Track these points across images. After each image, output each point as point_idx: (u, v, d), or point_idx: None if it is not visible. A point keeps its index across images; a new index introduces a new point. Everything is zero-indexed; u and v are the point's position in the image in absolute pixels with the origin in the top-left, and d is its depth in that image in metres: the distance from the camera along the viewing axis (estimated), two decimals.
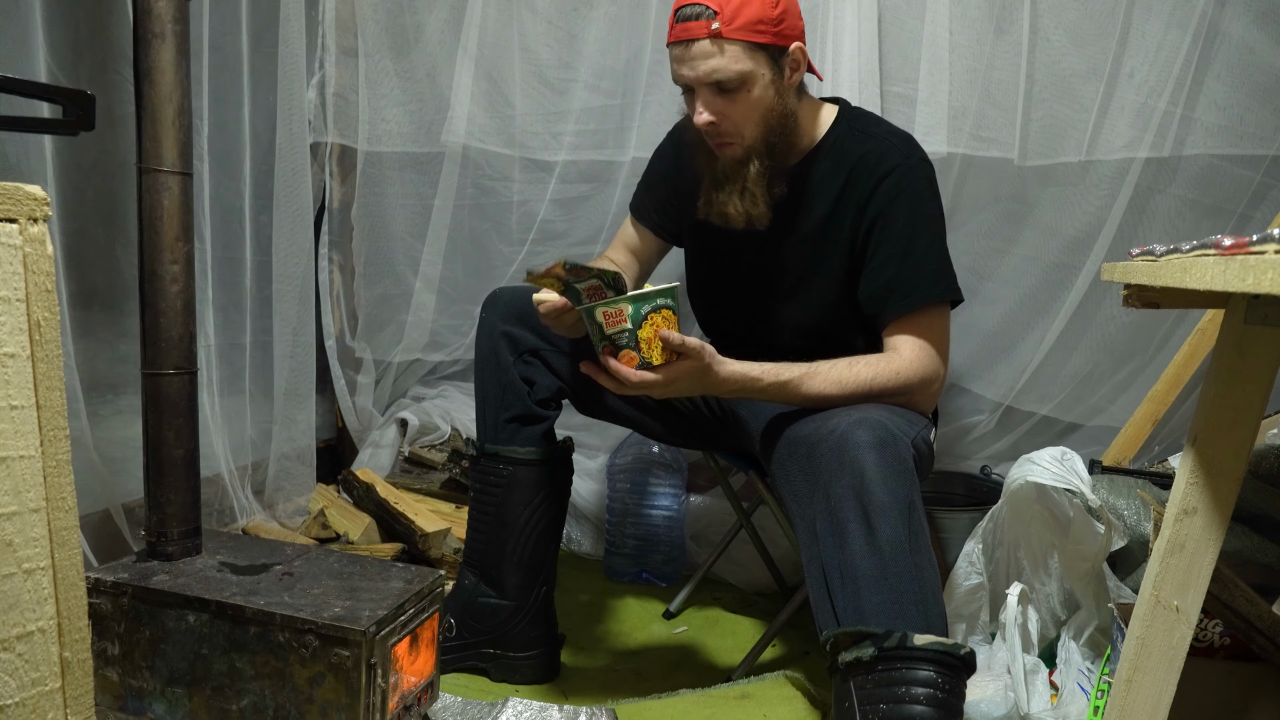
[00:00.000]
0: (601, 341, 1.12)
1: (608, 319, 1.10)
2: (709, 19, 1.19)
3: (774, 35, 1.21)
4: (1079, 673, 1.27)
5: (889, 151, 1.29)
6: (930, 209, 1.30)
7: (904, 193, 1.27)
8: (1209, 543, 0.83)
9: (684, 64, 1.23)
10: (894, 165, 1.28)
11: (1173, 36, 1.69)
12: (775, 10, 1.21)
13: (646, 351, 1.10)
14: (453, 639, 1.43)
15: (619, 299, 1.09)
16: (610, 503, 1.94)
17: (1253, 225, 1.74)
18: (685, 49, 1.22)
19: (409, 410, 2.30)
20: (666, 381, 1.12)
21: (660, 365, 1.11)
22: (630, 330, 1.09)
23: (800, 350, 1.31)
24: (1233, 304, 0.83)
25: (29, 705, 0.75)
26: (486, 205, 2.17)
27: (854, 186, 1.30)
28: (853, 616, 1.00)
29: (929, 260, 1.27)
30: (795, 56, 1.25)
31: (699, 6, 1.19)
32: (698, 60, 1.21)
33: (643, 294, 1.10)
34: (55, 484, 0.76)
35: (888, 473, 1.03)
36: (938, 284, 1.27)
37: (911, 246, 1.27)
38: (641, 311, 1.09)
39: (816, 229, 1.34)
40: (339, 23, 2.09)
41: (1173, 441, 1.84)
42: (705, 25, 1.19)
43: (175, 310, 1.15)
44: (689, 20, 1.20)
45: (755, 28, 1.20)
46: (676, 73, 1.26)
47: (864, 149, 1.30)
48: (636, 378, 1.11)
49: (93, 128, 0.86)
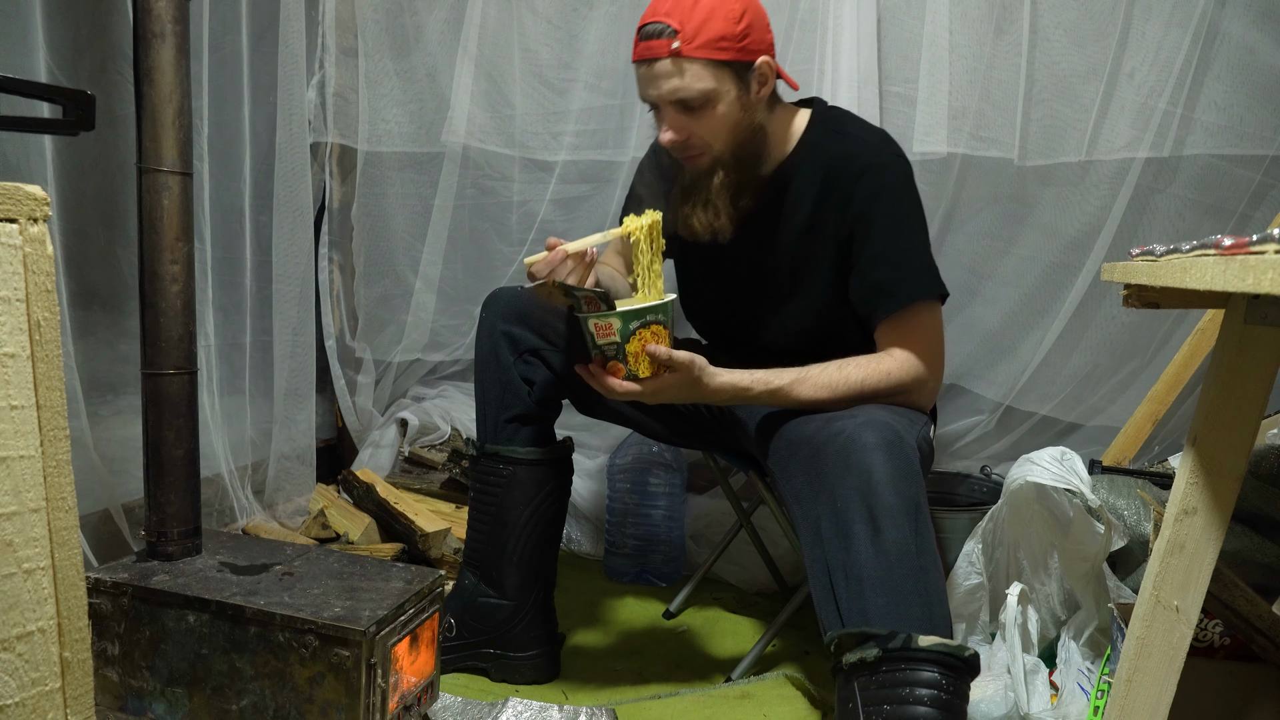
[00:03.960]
0: (594, 350, 1.17)
1: (598, 330, 1.15)
2: (670, 37, 1.17)
3: (738, 51, 1.20)
4: (1079, 673, 1.27)
5: (864, 150, 1.28)
6: (908, 205, 1.28)
7: (883, 190, 1.26)
8: (1209, 543, 0.83)
9: (648, 83, 1.23)
10: (870, 163, 1.26)
11: (1173, 36, 1.69)
12: (739, 26, 1.19)
13: (633, 365, 1.15)
14: (453, 639, 1.43)
15: (609, 314, 1.13)
16: (610, 503, 1.94)
17: (1253, 225, 1.74)
18: (648, 68, 1.21)
19: (409, 410, 2.30)
20: (651, 393, 1.17)
21: (646, 378, 1.15)
22: (618, 344, 1.14)
23: (797, 351, 1.31)
24: (1233, 304, 0.83)
25: (29, 705, 0.75)
26: (486, 205, 2.17)
27: (833, 187, 1.29)
28: (857, 617, 1.00)
29: (911, 259, 1.27)
30: (762, 70, 1.24)
31: (660, 24, 1.18)
32: (660, 80, 1.21)
33: (634, 310, 1.13)
34: (55, 484, 0.76)
35: (895, 474, 1.03)
36: (920, 282, 1.26)
37: (893, 246, 1.26)
38: (630, 327, 1.13)
39: (800, 233, 1.33)
40: (339, 23, 2.09)
41: (1173, 441, 1.84)
42: (666, 44, 1.18)
43: (175, 310, 1.15)
44: (651, 39, 1.19)
45: (718, 45, 1.18)
46: (642, 91, 1.25)
47: (839, 149, 1.29)
48: (621, 389, 1.16)
49: (93, 128, 0.86)
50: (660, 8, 1.20)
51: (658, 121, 1.27)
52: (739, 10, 1.19)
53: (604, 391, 1.18)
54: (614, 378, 1.16)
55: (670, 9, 1.19)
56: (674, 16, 1.18)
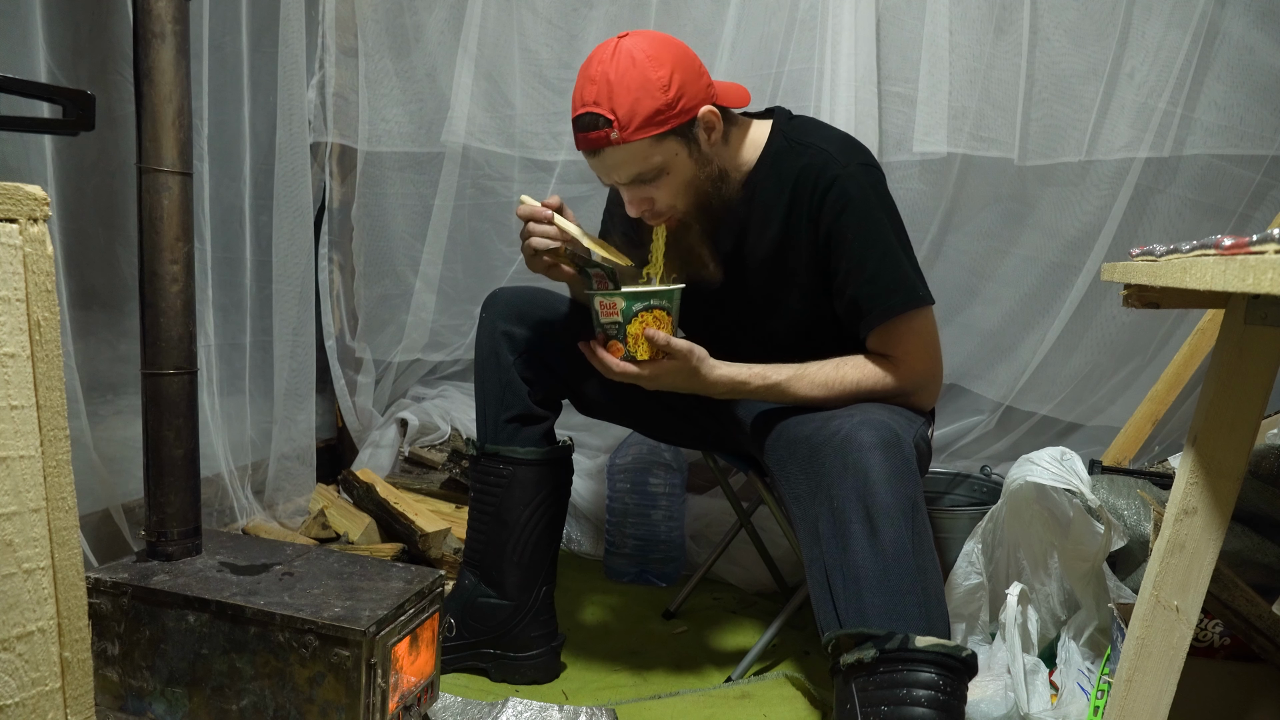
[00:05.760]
0: (597, 328, 1.20)
1: (603, 309, 1.18)
2: (606, 128, 1.16)
3: (676, 117, 1.17)
4: (1079, 673, 1.27)
5: (828, 162, 1.24)
6: (876, 216, 1.24)
7: (850, 204, 1.23)
8: (1209, 543, 0.83)
9: (600, 172, 1.23)
10: (835, 175, 1.23)
11: (1173, 36, 1.69)
12: (669, 94, 1.16)
13: (633, 346, 1.18)
14: (453, 639, 1.43)
15: (615, 293, 1.16)
16: (610, 503, 1.94)
17: (1253, 225, 1.74)
18: (594, 157, 1.21)
19: (409, 410, 2.30)
20: (650, 377, 1.19)
21: (645, 361, 1.18)
22: (620, 324, 1.17)
23: (791, 351, 1.30)
24: (1233, 304, 0.83)
25: (29, 705, 0.75)
26: (486, 205, 2.17)
27: (800, 202, 1.26)
28: (854, 618, 1.00)
29: (884, 272, 1.23)
30: (707, 120, 1.22)
31: (593, 115, 1.16)
32: (611, 169, 1.21)
33: (640, 292, 1.17)
34: (55, 484, 0.76)
35: (892, 474, 1.03)
36: (895, 296, 1.23)
37: (864, 260, 1.23)
38: (633, 309, 1.16)
39: (773, 250, 1.31)
40: (339, 23, 2.09)
41: (1173, 441, 1.84)
42: (605, 134, 1.16)
43: (175, 310, 1.15)
44: (588, 130, 1.18)
45: (654, 121, 1.16)
46: (595, 173, 1.25)
47: (802, 162, 1.26)
48: (619, 368, 1.19)
49: (93, 128, 0.86)
50: (587, 96, 1.17)
51: (621, 194, 1.27)
52: (665, 77, 1.16)
53: (602, 369, 1.20)
54: (613, 356, 1.19)
55: (598, 96, 1.16)
56: (604, 105, 1.15)
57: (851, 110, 1.76)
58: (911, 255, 1.27)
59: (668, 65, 1.17)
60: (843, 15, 1.77)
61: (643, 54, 1.16)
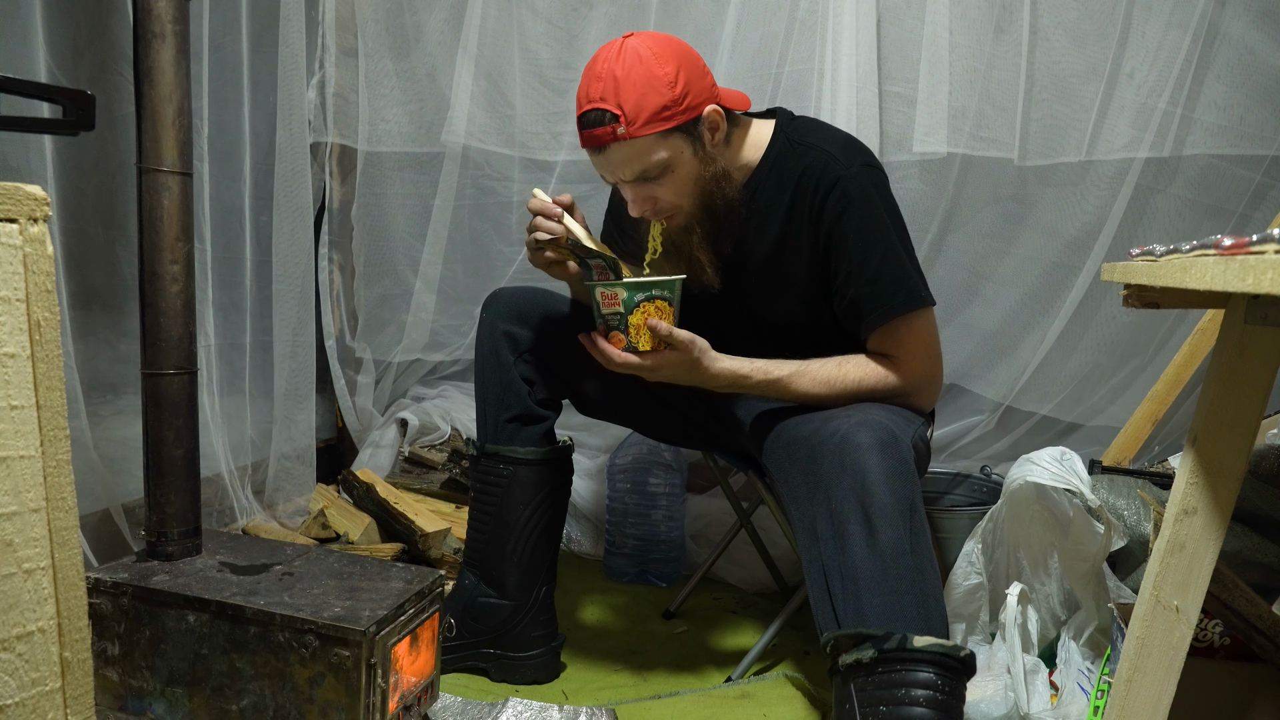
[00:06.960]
0: (598, 319, 1.20)
1: (604, 299, 1.18)
2: (612, 123, 1.16)
3: (682, 114, 1.18)
4: (1079, 673, 1.27)
5: (830, 163, 1.25)
6: (878, 217, 1.24)
7: (851, 205, 1.23)
8: (1209, 543, 0.83)
9: (604, 169, 1.23)
10: (837, 176, 1.23)
11: (1173, 36, 1.69)
12: (676, 90, 1.16)
13: (634, 337, 1.18)
14: (453, 639, 1.43)
15: (617, 283, 1.16)
16: (610, 503, 1.94)
17: (1253, 225, 1.74)
18: (599, 154, 1.21)
19: (409, 410, 2.30)
20: (652, 368, 1.19)
21: (646, 352, 1.18)
22: (622, 314, 1.17)
23: (787, 351, 1.30)
24: (1233, 304, 0.83)
25: (29, 705, 0.75)
26: (486, 205, 2.17)
27: (801, 204, 1.26)
28: (853, 618, 1.00)
29: (886, 272, 1.23)
30: (711, 119, 1.22)
31: (599, 111, 1.17)
32: (615, 165, 1.21)
33: (641, 282, 1.16)
34: (55, 484, 0.76)
35: (890, 474, 1.03)
36: (897, 296, 1.23)
37: (866, 261, 1.23)
38: (635, 299, 1.16)
39: (773, 250, 1.31)
40: (339, 23, 2.09)
41: (1173, 441, 1.85)
42: (611, 130, 1.16)
43: (175, 310, 1.15)
44: (594, 126, 1.18)
45: (660, 117, 1.16)
46: (600, 173, 1.25)
47: (804, 164, 1.26)
48: (620, 359, 1.18)
49: (93, 128, 0.86)
50: (593, 93, 1.18)
51: (623, 193, 1.27)
52: (672, 73, 1.16)
53: (603, 361, 1.20)
54: (614, 347, 1.18)
55: (604, 93, 1.16)
56: (610, 101, 1.16)
57: (852, 110, 1.76)
58: (913, 256, 1.27)
59: (673, 63, 1.17)
60: (843, 15, 1.77)
61: (648, 51, 1.17)
